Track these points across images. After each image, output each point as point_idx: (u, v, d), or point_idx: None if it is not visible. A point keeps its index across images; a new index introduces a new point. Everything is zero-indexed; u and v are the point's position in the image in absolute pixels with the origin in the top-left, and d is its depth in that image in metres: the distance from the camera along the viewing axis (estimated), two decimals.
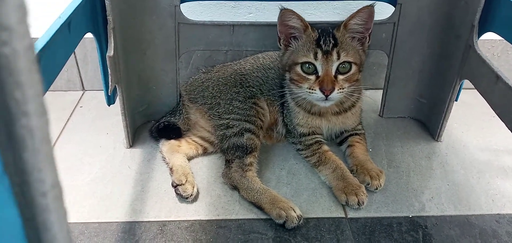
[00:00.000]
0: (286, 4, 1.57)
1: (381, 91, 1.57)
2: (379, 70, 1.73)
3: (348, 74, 1.20)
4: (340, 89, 1.19)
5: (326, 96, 1.18)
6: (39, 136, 0.27)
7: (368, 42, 1.24)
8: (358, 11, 1.18)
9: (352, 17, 1.19)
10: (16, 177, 0.29)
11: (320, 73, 1.19)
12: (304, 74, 1.22)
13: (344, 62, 1.18)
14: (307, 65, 1.20)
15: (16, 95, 0.26)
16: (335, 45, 1.18)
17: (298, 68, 1.22)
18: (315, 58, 1.18)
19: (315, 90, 1.19)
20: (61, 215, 0.31)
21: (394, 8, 1.36)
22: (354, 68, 1.20)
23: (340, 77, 1.20)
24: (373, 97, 1.69)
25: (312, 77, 1.21)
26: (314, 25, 1.25)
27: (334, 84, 1.18)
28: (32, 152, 0.27)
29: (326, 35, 1.19)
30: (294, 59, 1.23)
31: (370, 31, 1.22)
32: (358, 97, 1.34)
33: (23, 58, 0.25)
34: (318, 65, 1.19)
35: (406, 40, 1.40)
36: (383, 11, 1.39)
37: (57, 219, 0.31)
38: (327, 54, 1.17)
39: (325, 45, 1.18)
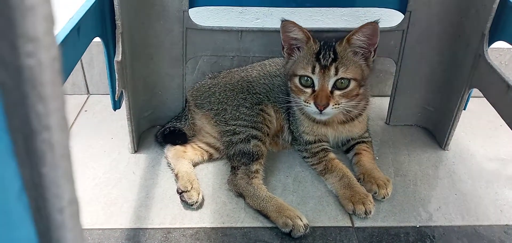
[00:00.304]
0: (292, 12, 1.57)
1: (388, 98, 1.56)
2: (385, 78, 1.72)
3: (346, 90, 1.19)
4: (335, 104, 1.18)
5: (320, 111, 1.18)
6: (59, 151, 0.26)
7: (373, 57, 1.22)
8: (362, 26, 1.16)
9: (355, 32, 1.17)
10: (33, 192, 0.28)
11: (316, 87, 1.19)
12: (301, 87, 1.22)
13: (342, 78, 1.18)
14: (305, 78, 1.20)
15: (38, 109, 0.25)
16: (335, 60, 1.17)
17: (296, 80, 1.22)
18: (313, 72, 1.18)
19: (310, 103, 1.19)
20: (77, 232, 0.30)
21: (403, 16, 1.35)
22: (352, 84, 1.19)
23: (337, 92, 1.19)
24: (379, 104, 1.68)
25: (309, 91, 1.21)
26: (320, 32, 1.24)
27: (328, 99, 1.17)
28: (51, 167, 0.26)
29: (326, 49, 1.18)
30: (294, 70, 1.23)
31: (375, 46, 1.20)
32: (365, 106, 1.33)
33: (48, 70, 0.24)
34: (315, 79, 1.19)
35: (415, 48, 1.39)
36: (392, 19, 1.38)
37: (73, 237, 0.30)
38: (325, 68, 1.17)
39: (324, 60, 1.17)
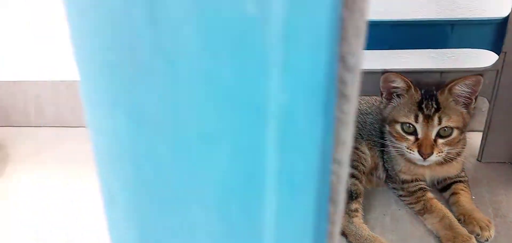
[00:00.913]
0: (379, 52, 1.60)
1: (478, 134, 1.54)
2: (475, 113, 1.69)
3: (449, 138, 1.21)
4: (439, 153, 1.21)
5: (424, 158, 1.21)
6: (342, 185, 0.32)
7: (474, 104, 1.24)
8: (466, 77, 1.18)
9: (458, 82, 1.19)
10: None
11: (419, 136, 1.22)
12: (403, 133, 1.24)
13: (445, 127, 1.20)
14: (407, 125, 1.23)
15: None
16: (437, 109, 1.19)
17: (398, 127, 1.25)
18: (416, 120, 1.21)
19: (413, 151, 1.22)
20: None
21: (497, 56, 1.35)
22: (455, 132, 1.21)
23: (440, 141, 1.21)
24: (469, 140, 1.65)
25: (411, 138, 1.23)
26: (414, 72, 1.26)
27: (432, 148, 1.20)
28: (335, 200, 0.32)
29: (428, 98, 1.21)
30: (394, 116, 1.26)
31: (476, 94, 1.22)
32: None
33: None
34: (418, 128, 1.21)
35: (510, 87, 1.37)
36: (487, 59, 1.38)
37: None
38: (428, 118, 1.19)
39: (427, 109, 1.20)
